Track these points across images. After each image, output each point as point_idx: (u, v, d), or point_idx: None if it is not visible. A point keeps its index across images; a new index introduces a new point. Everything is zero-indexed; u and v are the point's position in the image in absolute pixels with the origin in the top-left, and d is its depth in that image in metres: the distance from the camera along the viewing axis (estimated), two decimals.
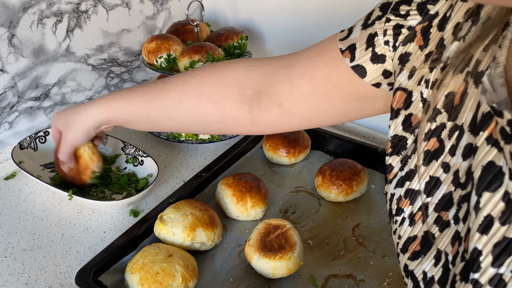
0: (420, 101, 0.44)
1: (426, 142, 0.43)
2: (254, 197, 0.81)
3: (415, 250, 0.44)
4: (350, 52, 0.51)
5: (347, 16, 1.03)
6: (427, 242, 0.42)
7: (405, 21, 0.46)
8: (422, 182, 0.43)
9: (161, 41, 1.00)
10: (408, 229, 0.45)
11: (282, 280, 0.71)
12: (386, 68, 0.49)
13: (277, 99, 0.59)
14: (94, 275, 0.67)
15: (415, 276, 0.43)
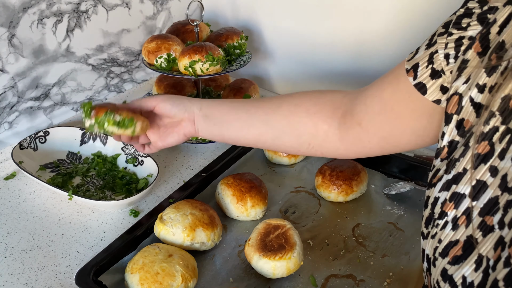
0: (471, 105, 0.45)
1: (477, 145, 0.43)
2: (254, 197, 0.81)
3: (456, 254, 0.44)
4: (413, 71, 0.54)
5: (347, 15, 1.03)
6: (469, 247, 0.43)
7: (466, 32, 0.48)
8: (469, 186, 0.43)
9: (161, 41, 1.00)
10: (451, 233, 0.45)
11: (282, 280, 0.71)
12: (443, 84, 0.51)
13: (357, 118, 0.63)
14: (94, 275, 0.67)
15: (454, 281, 0.43)
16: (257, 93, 1.12)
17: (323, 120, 0.67)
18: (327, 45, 1.10)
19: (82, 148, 0.99)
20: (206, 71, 0.96)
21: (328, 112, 0.67)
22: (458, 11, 0.50)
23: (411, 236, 0.79)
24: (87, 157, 0.98)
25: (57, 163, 0.95)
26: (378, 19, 0.99)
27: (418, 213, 0.84)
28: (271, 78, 1.27)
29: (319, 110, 0.67)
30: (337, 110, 0.66)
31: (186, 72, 0.97)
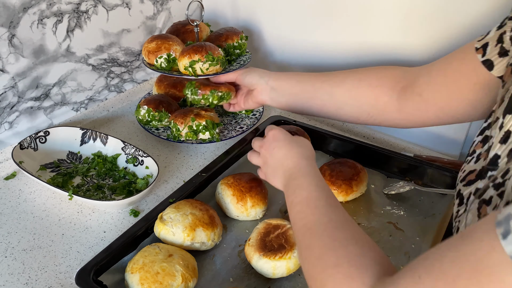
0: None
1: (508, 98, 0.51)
2: (254, 197, 0.81)
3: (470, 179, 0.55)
4: (483, 49, 0.61)
5: (347, 15, 1.03)
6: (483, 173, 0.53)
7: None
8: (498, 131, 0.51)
9: (161, 41, 1.00)
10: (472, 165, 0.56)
11: (282, 280, 0.71)
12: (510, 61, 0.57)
13: (418, 89, 0.70)
14: (94, 275, 0.67)
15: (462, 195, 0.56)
16: None
17: (384, 92, 0.75)
18: (327, 45, 1.10)
19: (82, 148, 0.99)
20: (206, 71, 0.96)
21: (390, 85, 0.75)
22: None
23: (411, 236, 0.79)
24: (87, 157, 0.98)
25: (57, 163, 0.95)
26: (378, 19, 0.99)
27: (418, 213, 0.84)
28: None
29: (381, 84, 0.75)
30: (398, 84, 0.74)
31: (186, 72, 0.97)
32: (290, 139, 0.70)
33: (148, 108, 1.04)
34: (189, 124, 0.97)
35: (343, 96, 0.79)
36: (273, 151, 0.69)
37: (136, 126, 1.12)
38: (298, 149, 0.68)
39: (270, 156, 0.70)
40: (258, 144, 0.74)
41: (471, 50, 0.62)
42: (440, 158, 0.97)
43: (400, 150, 1.05)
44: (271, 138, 0.71)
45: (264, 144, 0.72)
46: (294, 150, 0.68)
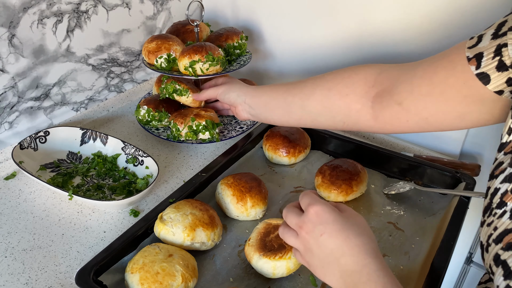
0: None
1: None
2: (254, 197, 0.81)
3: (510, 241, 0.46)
4: (476, 60, 0.54)
5: (347, 15, 1.03)
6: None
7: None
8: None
9: (161, 41, 1.00)
10: (508, 221, 0.46)
11: (282, 280, 0.71)
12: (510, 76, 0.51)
13: (398, 98, 0.64)
14: (94, 275, 0.67)
15: (508, 265, 0.45)
16: None
17: (355, 100, 0.70)
18: (328, 45, 1.10)
19: (82, 148, 0.99)
20: (206, 71, 0.96)
21: (361, 92, 0.70)
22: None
23: (411, 236, 0.79)
24: (87, 157, 0.98)
25: (57, 163, 0.95)
26: (378, 18, 0.99)
27: (418, 213, 0.84)
28: (271, 78, 1.27)
29: (352, 91, 0.71)
30: (371, 89, 0.69)
31: (186, 72, 0.97)
32: (343, 222, 0.54)
33: (148, 108, 1.04)
34: (189, 124, 0.97)
35: (315, 108, 0.75)
36: (320, 239, 0.54)
37: (136, 126, 1.12)
38: (358, 239, 0.53)
39: (317, 245, 0.55)
40: (295, 221, 0.58)
41: (461, 59, 0.56)
42: (440, 158, 0.97)
43: (400, 150, 1.05)
44: (314, 218, 0.55)
45: (305, 225, 0.56)
46: (353, 242, 0.53)
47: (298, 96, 0.78)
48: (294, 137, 0.96)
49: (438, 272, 0.68)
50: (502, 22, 0.53)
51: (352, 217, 0.56)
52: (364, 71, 0.71)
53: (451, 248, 0.72)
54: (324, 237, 0.54)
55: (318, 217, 0.55)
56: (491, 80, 0.53)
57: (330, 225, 0.54)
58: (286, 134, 0.96)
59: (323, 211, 0.55)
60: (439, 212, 0.83)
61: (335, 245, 0.53)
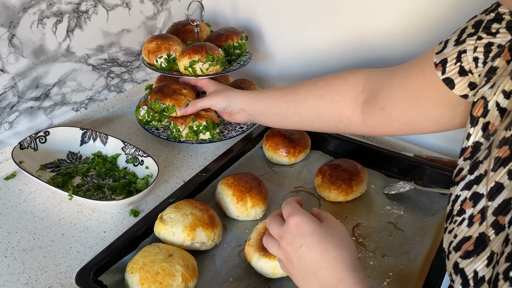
0: (496, 109, 0.47)
1: (498, 149, 0.45)
2: (254, 197, 0.81)
3: (468, 249, 0.46)
4: (442, 65, 0.57)
5: (347, 15, 1.03)
6: (481, 243, 0.45)
7: (495, 39, 0.50)
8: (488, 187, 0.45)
9: (161, 41, 1.00)
10: (465, 229, 0.47)
11: (282, 279, 0.71)
12: (472, 80, 0.54)
13: (381, 103, 0.68)
14: (94, 275, 0.67)
15: (465, 274, 0.45)
16: None
17: (346, 106, 0.74)
18: (327, 45, 1.10)
19: (82, 148, 0.99)
20: (206, 71, 0.96)
21: (351, 98, 0.73)
22: (489, 15, 0.52)
23: (411, 236, 0.79)
24: (87, 157, 0.98)
25: (57, 163, 0.95)
26: (378, 18, 0.99)
27: (417, 213, 0.84)
28: (271, 78, 1.27)
29: (342, 98, 0.74)
30: (360, 95, 0.72)
31: (186, 72, 0.97)
32: (321, 233, 0.54)
33: (148, 108, 1.03)
34: (190, 125, 0.97)
35: (309, 114, 0.78)
36: (299, 251, 0.54)
37: (136, 126, 1.12)
38: (336, 251, 0.52)
39: (296, 257, 0.54)
40: (276, 231, 0.57)
41: (430, 65, 0.58)
42: (440, 158, 0.97)
43: (400, 150, 1.05)
44: (294, 229, 0.55)
45: (285, 236, 0.55)
46: (331, 254, 0.52)
47: (292, 103, 0.80)
48: (294, 137, 0.96)
49: (438, 272, 0.68)
50: (463, 28, 0.55)
51: (331, 227, 0.55)
52: (353, 77, 0.74)
53: None
54: (302, 249, 0.53)
55: (298, 228, 0.54)
56: (455, 85, 0.56)
57: (309, 237, 0.53)
58: (286, 134, 0.96)
59: (302, 222, 0.54)
60: (439, 212, 0.83)
61: (314, 258, 0.53)
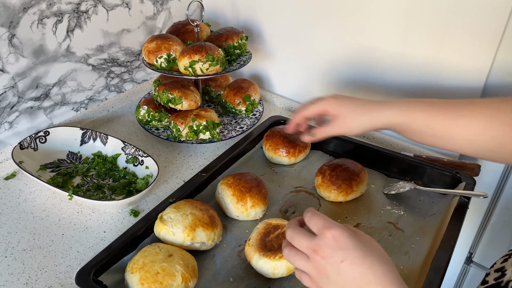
0: None
1: None
2: (254, 197, 0.81)
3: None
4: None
5: (347, 15, 1.03)
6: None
7: None
8: None
9: (161, 41, 1.00)
10: None
11: (282, 280, 0.71)
12: None
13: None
14: (94, 275, 0.67)
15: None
16: (257, 93, 1.13)
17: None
18: (327, 45, 1.10)
19: (82, 148, 0.99)
20: (206, 71, 0.96)
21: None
22: None
23: (411, 236, 0.79)
24: (87, 157, 0.98)
25: (57, 163, 0.95)
26: (378, 19, 0.99)
27: (417, 213, 0.84)
28: (271, 78, 1.27)
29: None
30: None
31: (186, 72, 0.97)
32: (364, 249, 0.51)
33: (148, 108, 1.04)
34: (190, 124, 0.97)
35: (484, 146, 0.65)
36: (340, 265, 0.51)
37: (136, 126, 1.12)
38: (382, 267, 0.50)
39: (336, 271, 0.51)
40: (305, 243, 0.54)
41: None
42: (440, 158, 0.97)
43: (400, 150, 1.05)
44: (332, 242, 0.52)
45: (320, 249, 0.52)
46: (378, 270, 0.50)
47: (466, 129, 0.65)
48: (294, 137, 0.96)
49: (438, 272, 0.68)
50: None
51: (369, 242, 0.53)
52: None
53: (451, 248, 0.72)
54: (345, 263, 0.50)
55: (337, 242, 0.51)
56: None
57: (352, 251, 0.51)
58: (286, 134, 0.96)
59: (341, 235, 0.51)
60: (439, 212, 0.83)
61: (359, 273, 0.50)
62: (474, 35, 0.87)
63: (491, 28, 0.85)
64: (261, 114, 1.11)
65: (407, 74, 1.00)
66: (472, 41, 0.88)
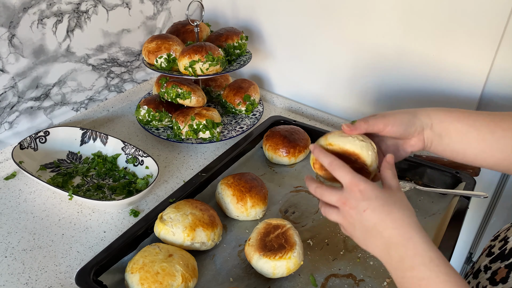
0: None
1: None
2: (254, 197, 0.81)
3: None
4: None
5: (347, 15, 1.03)
6: None
7: None
8: None
9: (161, 41, 1.00)
10: None
11: (282, 280, 0.71)
12: None
13: None
14: (94, 275, 0.67)
15: None
16: (257, 93, 1.13)
17: None
18: (327, 45, 1.10)
19: (82, 148, 0.99)
20: (206, 71, 0.96)
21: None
22: None
23: None
24: (87, 157, 0.98)
25: (57, 163, 0.95)
26: (378, 19, 0.99)
27: (417, 213, 0.84)
28: (271, 78, 1.27)
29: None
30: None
31: (186, 72, 0.97)
32: (385, 198, 0.56)
33: (148, 108, 1.04)
34: (190, 123, 0.97)
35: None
36: (363, 214, 0.56)
37: (136, 126, 1.12)
38: (400, 213, 0.55)
39: (359, 220, 0.57)
40: (335, 198, 0.59)
41: None
42: (440, 158, 0.97)
43: None
44: (358, 195, 0.57)
45: (348, 201, 0.57)
46: (396, 215, 0.55)
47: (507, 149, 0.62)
48: (294, 137, 0.96)
49: None
50: None
51: (394, 193, 0.58)
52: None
53: (451, 248, 0.72)
54: (367, 212, 0.56)
55: (362, 194, 0.56)
56: None
57: (374, 201, 0.56)
58: (286, 134, 0.96)
59: (366, 189, 0.56)
60: (439, 212, 0.83)
61: (379, 219, 0.55)
62: (474, 35, 0.87)
63: (491, 28, 0.85)
64: (261, 114, 1.11)
65: (407, 74, 1.00)
66: (473, 41, 0.88)
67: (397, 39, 0.98)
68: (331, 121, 1.17)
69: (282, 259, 0.68)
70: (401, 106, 1.04)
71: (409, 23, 0.95)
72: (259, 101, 1.16)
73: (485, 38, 0.86)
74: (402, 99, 1.03)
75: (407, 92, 1.02)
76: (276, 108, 1.24)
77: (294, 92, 1.24)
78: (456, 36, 0.90)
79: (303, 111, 1.21)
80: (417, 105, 1.01)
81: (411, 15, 0.94)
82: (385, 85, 1.04)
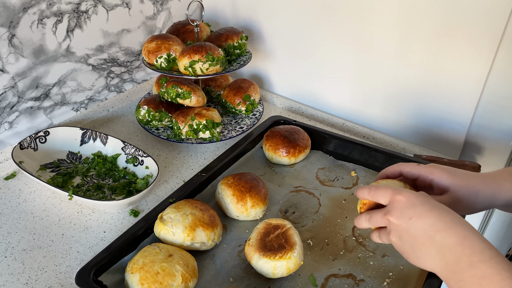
0: None
1: None
2: (254, 197, 0.81)
3: None
4: None
5: (347, 15, 1.03)
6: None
7: None
8: None
9: (161, 41, 1.00)
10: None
11: (282, 280, 0.71)
12: None
13: None
14: (94, 275, 0.67)
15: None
16: (257, 93, 1.13)
17: None
18: (327, 45, 1.10)
19: (82, 148, 0.99)
20: (206, 71, 0.96)
21: None
22: None
23: None
24: (87, 157, 0.98)
25: (57, 163, 0.95)
26: (378, 19, 0.99)
27: None
28: (271, 78, 1.27)
29: None
30: None
31: (186, 72, 0.97)
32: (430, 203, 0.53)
33: (148, 108, 1.04)
34: (190, 123, 0.97)
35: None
36: (409, 223, 0.53)
37: (136, 126, 1.12)
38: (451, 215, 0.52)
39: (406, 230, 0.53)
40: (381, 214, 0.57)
41: None
42: (440, 158, 0.97)
43: (400, 150, 1.05)
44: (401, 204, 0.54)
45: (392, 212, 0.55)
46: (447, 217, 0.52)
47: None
48: (294, 137, 0.96)
49: None
50: None
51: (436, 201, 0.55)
52: None
53: None
54: (413, 220, 0.53)
55: (407, 200, 0.54)
56: None
57: (419, 207, 0.53)
58: (286, 134, 0.96)
59: (409, 196, 0.54)
60: None
61: (428, 225, 0.52)
62: (475, 35, 0.87)
63: (491, 28, 0.85)
64: (261, 114, 1.11)
65: (406, 74, 1.00)
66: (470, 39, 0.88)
67: (396, 39, 0.98)
68: (331, 121, 1.17)
69: (282, 259, 0.68)
70: (401, 106, 1.04)
71: (409, 23, 0.95)
72: (259, 101, 1.16)
73: (485, 38, 0.86)
74: (402, 99, 1.03)
75: (407, 92, 1.02)
76: (276, 108, 1.24)
77: (294, 92, 1.24)
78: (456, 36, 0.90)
79: (303, 111, 1.21)
80: (417, 104, 1.01)
81: (411, 15, 0.94)
82: (385, 85, 1.04)
